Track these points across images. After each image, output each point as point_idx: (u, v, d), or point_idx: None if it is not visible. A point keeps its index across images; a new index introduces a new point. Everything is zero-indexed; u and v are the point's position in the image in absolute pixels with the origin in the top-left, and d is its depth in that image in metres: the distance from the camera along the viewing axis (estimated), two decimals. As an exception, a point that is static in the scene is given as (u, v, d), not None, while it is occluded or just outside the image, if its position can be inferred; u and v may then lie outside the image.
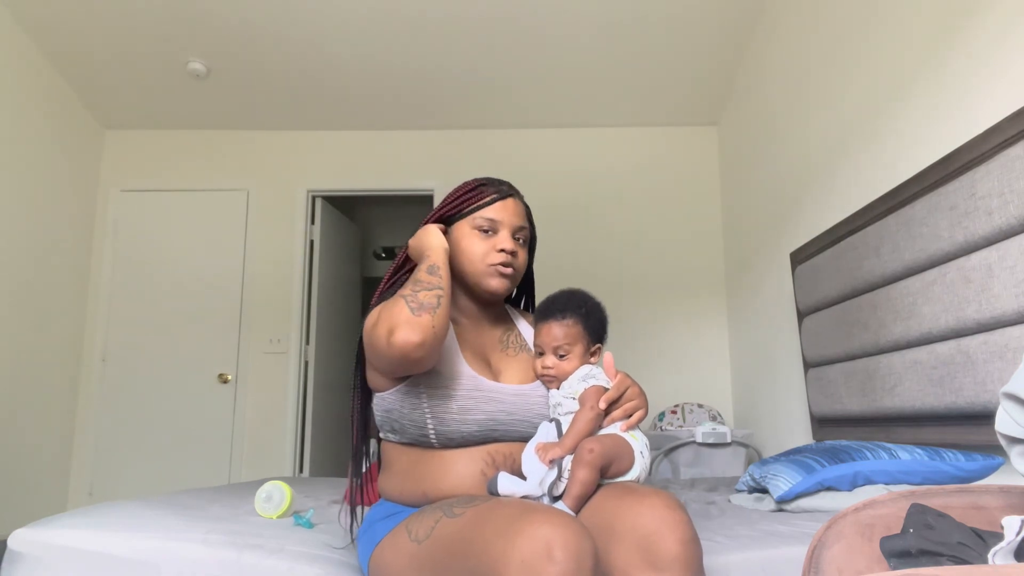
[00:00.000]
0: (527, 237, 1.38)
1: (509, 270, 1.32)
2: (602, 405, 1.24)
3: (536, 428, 1.28)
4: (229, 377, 4.12)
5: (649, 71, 3.84)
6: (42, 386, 3.77)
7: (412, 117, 4.26)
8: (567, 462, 1.19)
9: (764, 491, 1.99)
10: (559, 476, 1.18)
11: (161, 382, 4.09)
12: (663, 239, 4.22)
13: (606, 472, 1.20)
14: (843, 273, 2.44)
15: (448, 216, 1.36)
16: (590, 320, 1.34)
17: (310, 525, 1.56)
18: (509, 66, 3.81)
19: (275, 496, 1.66)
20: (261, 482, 2.20)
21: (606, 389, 1.26)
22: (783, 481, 1.83)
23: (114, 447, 4.02)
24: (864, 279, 2.29)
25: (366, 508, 1.42)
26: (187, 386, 4.10)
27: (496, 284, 1.32)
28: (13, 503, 3.49)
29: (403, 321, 1.13)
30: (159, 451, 4.01)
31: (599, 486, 1.19)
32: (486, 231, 1.33)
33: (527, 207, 1.43)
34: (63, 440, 3.96)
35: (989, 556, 0.78)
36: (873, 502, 0.99)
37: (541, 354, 1.33)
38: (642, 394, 1.31)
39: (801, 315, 2.88)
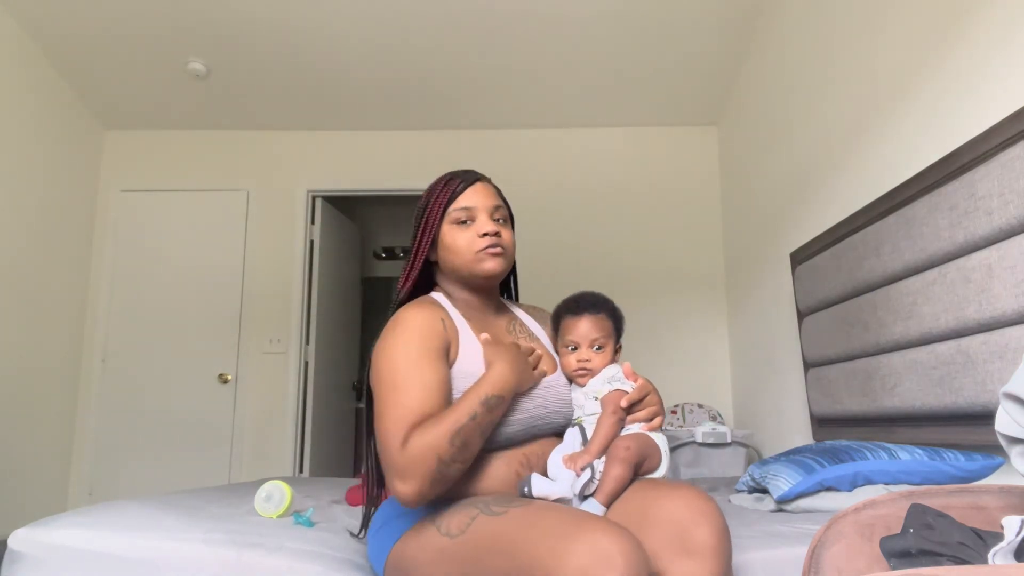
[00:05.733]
0: (506, 215, 1.39)
1: (498, 250, 1.32)
2: (624, 404, 1.27)
3: (565, 418, 1.33)
4: (229, 377, 4.12)
5: (649, 71, 3.84)
6: (42, 386, 3.76)
7: (412, 117, 4.25)
8: (599, 463, 1.23)
9: (764, 491, 1.99)
10: (592, 478, 1.21)
11: (161, 382, 4.09)
12: (663, 239, 4.22)
13: (639, 469, 1.25)
14: (843, 273, 2.44)
15: (436, 222, 1.35)
16: (616, 318, 1.40)
17: (310, 524, 1.56)
18: (509, 66, 3.81)
19: (275, 496, 1.66)
20: (261, 482, 2.20)
21: (626, 392, 1.30)
22: (783, 481, 1.84)
23: (114, 447, 4.02)
24: (864, 279, 2.29)
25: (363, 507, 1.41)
26: (187, 386, 4.09)
27: (490, 266, 1.32)
28: (13, 503, 3.49)
29: (424, 483, 1.08)
30: (159, 451, 4.01)
31: (631, 482, 1.24)
32: (464, 221, 1.33)
33: (498, 188, 1.43)
34: (63, 440, 3.96)
35: (989, 556, 0.78)
36: (873, 502, 0.99)
37: (575, 349, 1.36)
38: (660, 400, 1.35)
39: (801, 315, 2.88)
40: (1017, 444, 0.82)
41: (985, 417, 1.73)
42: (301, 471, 4.07)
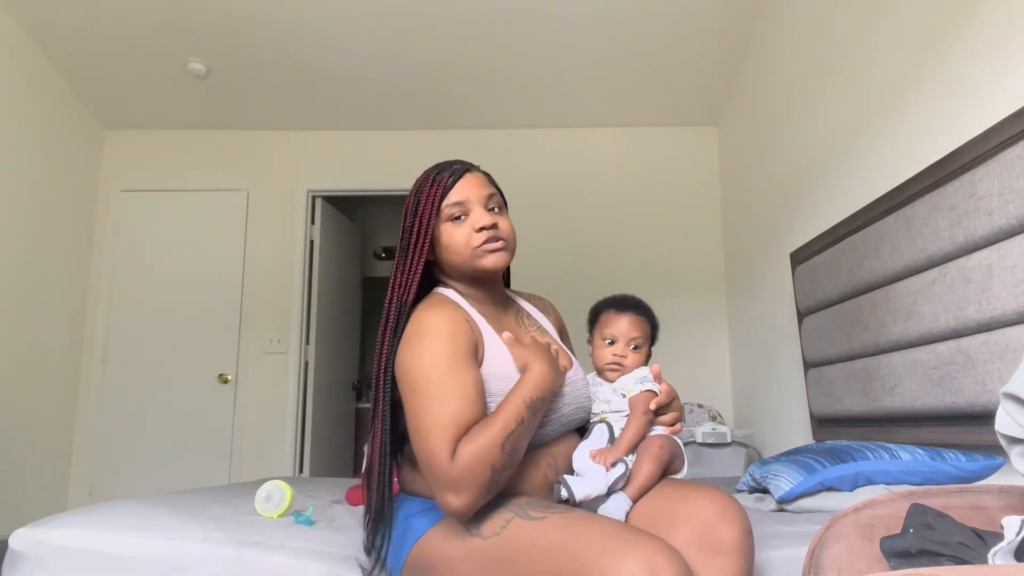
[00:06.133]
0: (500, 203, 1.33)
1: (498, 243, 1.27)
2: (652, 406, 1.30)
3: (585, 412, 1.35)
4: (229, 377, 4.11)
5: (649, 71, 3.84)
6: (42, 386, 3.76)
7: (412, 117, 4.25)
8: (629, 458, 1.26)
9: (765, 491, 1.99)
10: (624, 472, 1.24)
11: (161, 382, 4.09)
12: (663, 239, 4.22)
13: (667, 468, 1.29)
14: (843, 273, 2.44)
15: (431, 221, 1.28)
16: (654, 325, 1.46)
17: (310, 523, 1.56)
18: (509, 66, 3.81)
19: (275, 495, 1.66)
20: (261, 482, 2.20)
21: (655, 394, 1.33)
22: (784, 481, 1.84)
23: (114, 447, 4.02)
24: (864, 279, 2.29)
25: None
26: (187, 386, 4.09)
27: (491, 261, 1.27)
28: (13, 503, 3.49)
29: (478, 493, 1.06)
30: (159, 451, 4.01)
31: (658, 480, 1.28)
32: (458, 217, 1.27)
33: (488, 175, 1.36)
34: (63, 440, 3.96)
35: (989, 556, 0.78)
36: (873, 502, 0.99)
37: (611, 343, 1.40)
38: (681, 405, 1.38)
39: (801, 315, 2.87)
40: (1017, 444, 0.82)
41: (985, 417, 1.73)
42: (301, 471, 4.07)
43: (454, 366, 1.14)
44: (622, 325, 1.40)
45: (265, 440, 4.06)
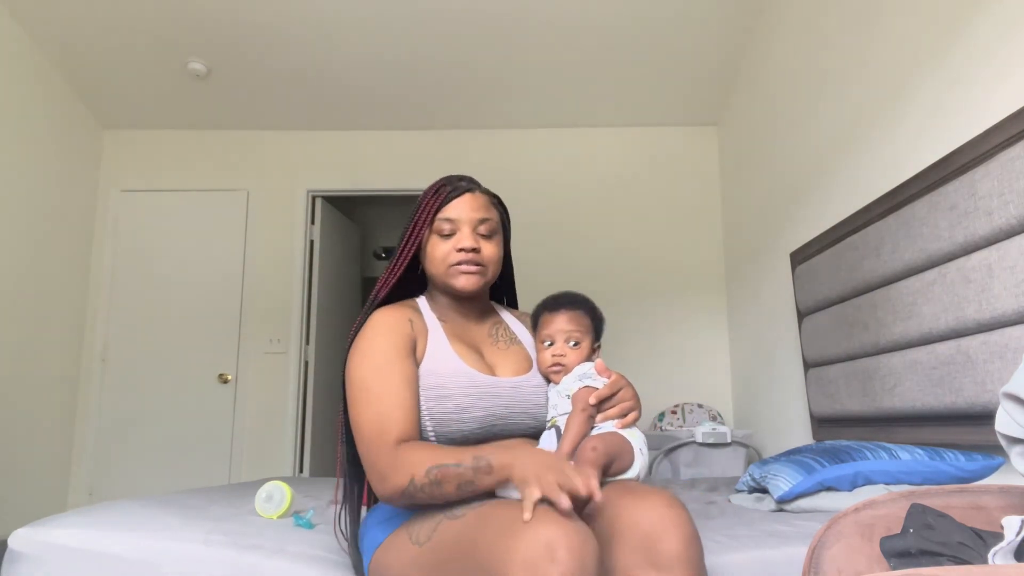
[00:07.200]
0: (493, 228, 1.35)
1: (472, 268, 1.31)
2: (592, 401, 1.24)
3: (534, 419, 1.30)
4: (229, 377, 4.12)
5: (649, 71, 3.84)
6: (42, 386, 3.76)
7: (412, 117, 4.25)
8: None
9: (764, 491, 1.99)
10: None
11: (161, 382, 4.09)
12: (663, 239, 4.22)
13: (608, 470, 1.20)
14: (843, 273, 2.44)
15: (422, 230, 1.35)
16: (594, 316, 1.39)
17: (310, 526, 1.56)
18: (509, 66, 3.81)
19: (275, 496, 1.66)
20: (261, 482, 2.20)
21: (596, 389, 1.27)
22: (783, 481, 1.84)
23: (114, 447, 4.02)
24: (864, 279, 2.29)
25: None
26: (187, 386, 4.09)
27: (461, 282, 1.31)
28: (13, 503, 3.49)
29: (393, 492, 1.13)
30: (159, 451, 4.01)
31: (601, 485, 1.18)
32: (447, 234, 1.32)
33: (495, 197, 1.41)
34: (63, 440, 3.96)
35: (989, 556, 0.78)
36: (873, 502, 0.99)
37: (550, 344, 1.34)
38: (636, 395, 1.31)
39: (801, 315, 2.88)
40: (1017, 444, 0.82)
41: (985, 417, 1.73)
42: (301, 471, 4.07)
43: (389, 360, 1.22)
44: (557, 323, 1.34)
45: (265, 440, 4.06)
